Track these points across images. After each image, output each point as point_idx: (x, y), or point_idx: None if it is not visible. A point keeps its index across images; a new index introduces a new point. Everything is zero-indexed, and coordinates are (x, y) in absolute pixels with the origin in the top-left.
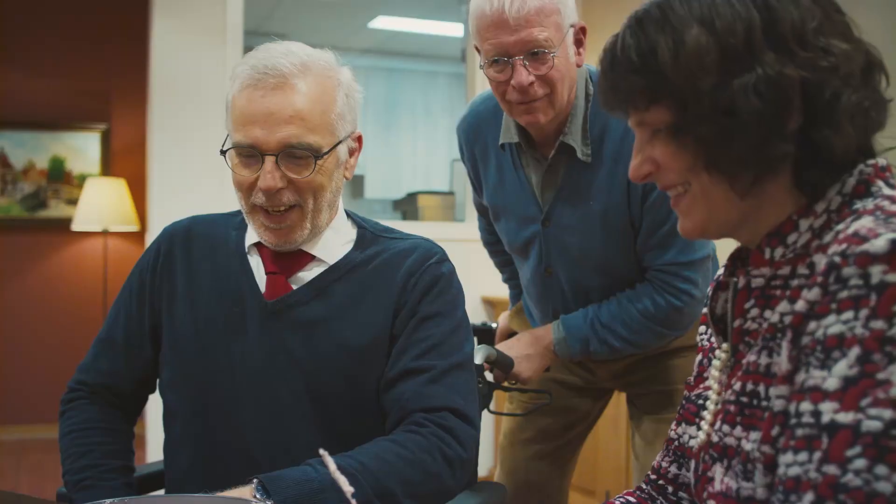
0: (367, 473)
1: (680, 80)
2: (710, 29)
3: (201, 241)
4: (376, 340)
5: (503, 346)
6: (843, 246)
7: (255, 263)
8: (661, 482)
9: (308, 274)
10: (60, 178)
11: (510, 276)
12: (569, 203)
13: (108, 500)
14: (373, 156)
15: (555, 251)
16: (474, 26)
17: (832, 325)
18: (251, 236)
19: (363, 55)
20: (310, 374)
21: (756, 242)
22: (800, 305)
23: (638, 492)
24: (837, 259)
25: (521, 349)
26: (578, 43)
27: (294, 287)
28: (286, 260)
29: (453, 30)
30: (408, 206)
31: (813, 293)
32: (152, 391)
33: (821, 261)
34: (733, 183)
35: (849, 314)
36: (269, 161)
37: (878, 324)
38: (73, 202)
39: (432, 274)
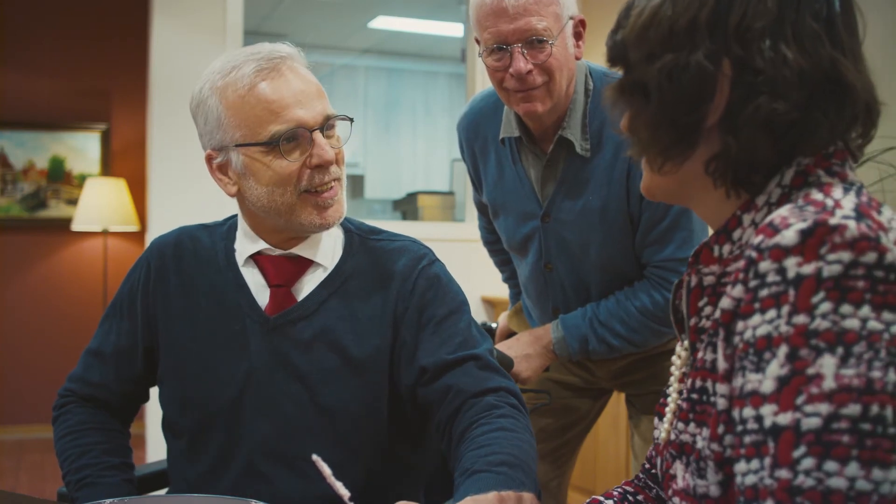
0: (530, 472)
1: (627, 45)
2: (671, 4)
3: (191, 255)
4: (377, 349)
5: (503, 346)
6: (759, 238)
7: (250, 276)
8: (654, 471)
9: (308, 282)
10: (60, 178)
11: (510, 276)
12: (568, 198)
13: (108, 501)
14: (373, 156)
15: (554, 247)
16: (474, 15)
17: (759, 325)
18: (244, 248)
19: (363, 55)
20: (313, 387)
21: (716, 222)
22: (726, 302)
23: (636, 480)
24: (753, 253)
25: (521, 349)
26: (578, 35)
27: (298, 297)
28: (287, 269)
29: (453, 30)
30: (408, 206)
31: (737, 290)
32: (144, 401)
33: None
34: (646, 154)
35: (772, 313)
36: (319, 135)
37: (801, 318)
38: (73, 202)
39: (426, 278)
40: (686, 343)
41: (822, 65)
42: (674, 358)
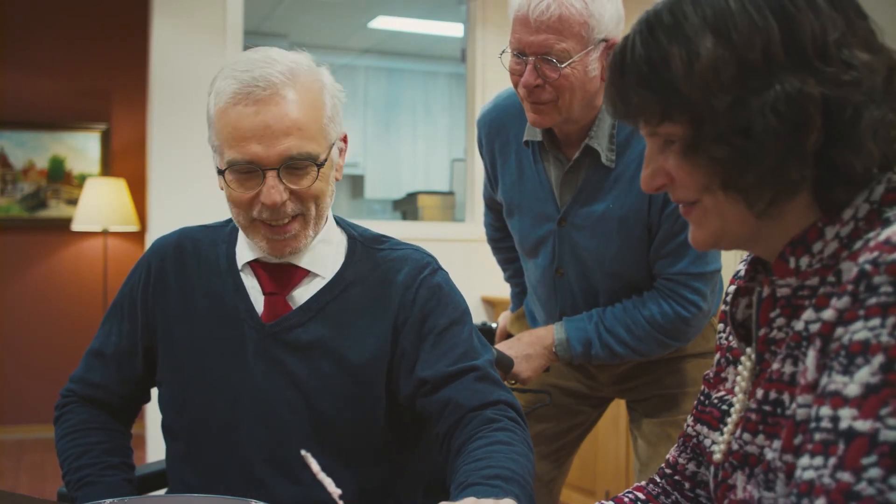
0: (526, 486)
1: (694, 97)
2: (726, 41)
3: (192, 258)
4: (375, 358)
5: (503, 346)
6: (875, 254)
7: (250, 282)
8: (677, 477)
9: (305, 290)
10: (60, 178)
11: (512, 275)
12: (587, 204)
13: (108, 500)
14: (373, 156)
15: (568, 252)
16: (509, 14)
17: (858, 331)
18: (243, 254)
19: (363, 55)
20: (310, 394)
21: (772, 254)
22: (828, 314)
23: (650, 486)
24: (868, 267)
25: (522, 349)
26: None
27: (292, 306)
28: (282, 278)
29: (453, 30)
30: (408, 206)
31: (843, 302)
32: (145, 402)
33: (850, 269)
34: (750, 204)
35: (875, 321)
36: (272, 176)
37: None
38: (73, 202)
39: (428, 286)
40: (749, 352)
41: (885, 60)
42: (739, 368)
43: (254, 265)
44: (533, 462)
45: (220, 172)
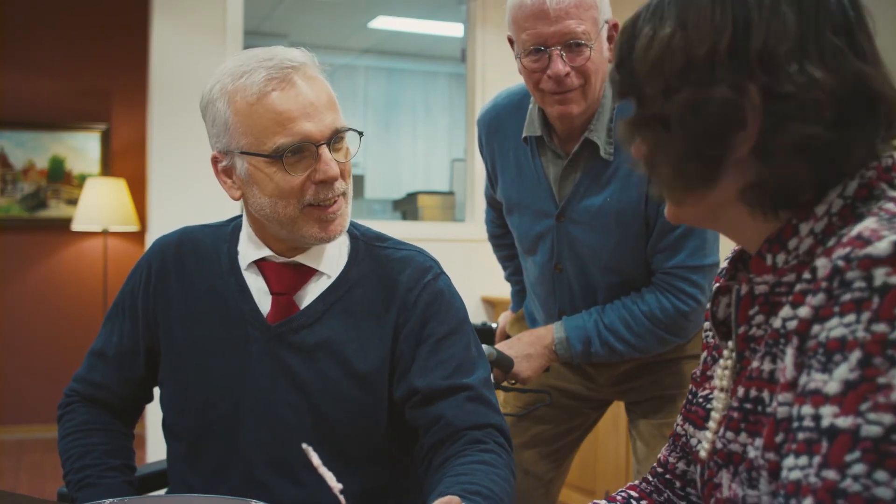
0: None
1: (640, 78)
2: (683, 33)
3: (193, 258)
4: (378, 361)
5: (503, 346)
6: (847, 249)
7: (253, 281)
8: (668, 476)
9: (312, 289)
10: (60, 178)
11: (513, 272)
12: (585, 199)
13: (108, 500)
14: (373, 156)
15: (566, 247)
16: (511, 16)
17: (834, 328)
18: (248, 253)
19: (363, 55)
20: (313, 396)
21: (745, 241)
22: (805, 311)
23: (643, 484)
24: (841, 263)
25: (522, 349)
26: (611, 39)
27: (300, 305)
28: (290, 278)
29: (453, 30)
30: (408, 206)
31: (818, 298)
32: (147, 402)
33: (825, 265)
34: (668, 188)
35: (851, 317)
36: (325, 150)
37: (881, 327)
38: (73, 202)
39: (430, 292)
40: (731, 347)
41: (849, 79)
42: (717, 370)
43: (261, 265)
44: (514, 488)
45: (277, 158)
